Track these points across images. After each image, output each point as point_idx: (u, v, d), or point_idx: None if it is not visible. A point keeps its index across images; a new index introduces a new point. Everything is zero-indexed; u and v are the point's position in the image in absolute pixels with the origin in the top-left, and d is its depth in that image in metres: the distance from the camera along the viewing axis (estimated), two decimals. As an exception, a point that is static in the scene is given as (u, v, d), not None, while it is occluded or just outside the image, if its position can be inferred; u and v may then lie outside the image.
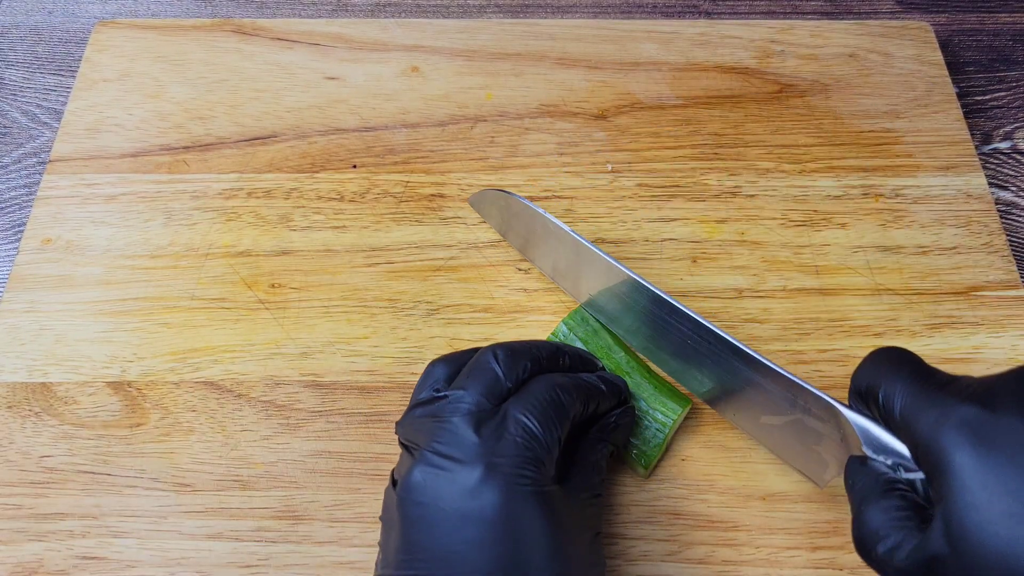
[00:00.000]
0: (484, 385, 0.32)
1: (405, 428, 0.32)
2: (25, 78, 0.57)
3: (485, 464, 0.29)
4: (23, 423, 0.42)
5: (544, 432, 0.31)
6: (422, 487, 0.29)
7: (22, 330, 0.44)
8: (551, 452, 0.31)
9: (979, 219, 0.48)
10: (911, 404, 0.27)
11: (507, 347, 0.33)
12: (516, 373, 0.33)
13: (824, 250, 0.47)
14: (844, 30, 0.56)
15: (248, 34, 0.56)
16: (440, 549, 0.28)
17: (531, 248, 0.45)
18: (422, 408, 0.32)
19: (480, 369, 0.32)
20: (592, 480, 0.34)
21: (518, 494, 0.29)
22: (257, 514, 0.39)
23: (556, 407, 0.32)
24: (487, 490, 0.29)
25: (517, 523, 0.29)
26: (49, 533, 0.39)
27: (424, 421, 0.31)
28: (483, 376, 0.32)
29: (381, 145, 0.51)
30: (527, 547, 0.28)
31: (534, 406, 0.31)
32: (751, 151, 0.51)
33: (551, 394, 0.32)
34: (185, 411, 0.42)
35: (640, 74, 0.54)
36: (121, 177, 0.50)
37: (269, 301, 0.45)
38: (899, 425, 0.28)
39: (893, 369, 0.29)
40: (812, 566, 0.38)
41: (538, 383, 0.33)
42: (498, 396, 0.32)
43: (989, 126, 0.55)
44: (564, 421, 0.32)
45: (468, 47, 0.55)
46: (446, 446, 0.30)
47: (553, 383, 0.33)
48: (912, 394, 0.28)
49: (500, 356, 0.33)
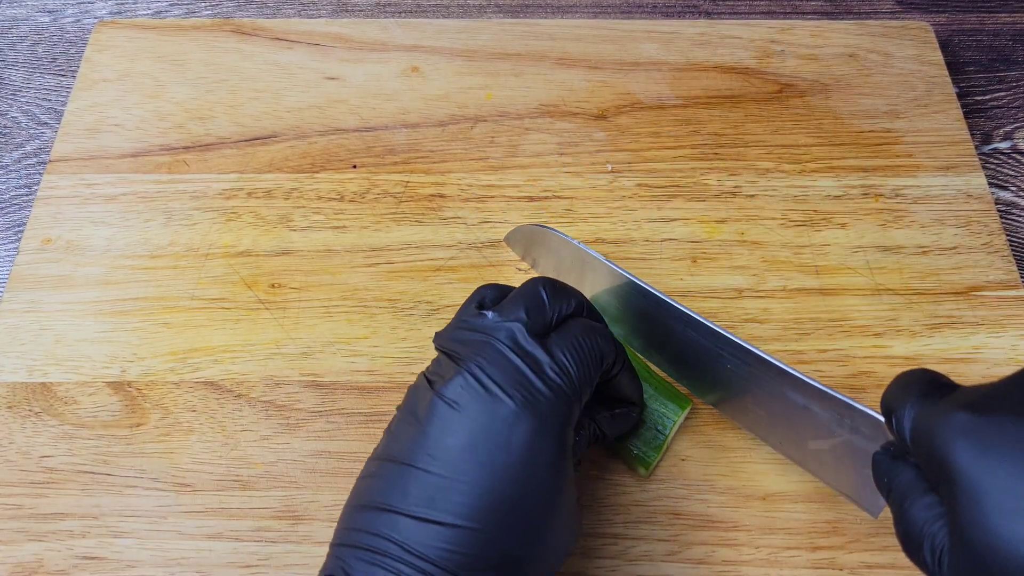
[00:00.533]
0: (531, 311, 0.32)
1: (447, 340, 0.33)
2: (25, 78, 0.57)
3: (524, 397, 0.30)
4: (23, 423, 0.42)
5: (580, 375, 0.31)
6: (460, 396, 0.30)
7: (22, 330, 0.44)
8: (581, 398, 0.32)
9: (979, 219, 0.48)
10: (918, 420, 0.27)
11: (553, 281, 0.34)
12: (560, 307, 0.33)
13: (824, 250, 0.47)
14: (844, 30, 0.56)
15: (248, 34, 0.56)
16: (456, 454, 0.29)
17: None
18: (469, 321, 0.33)
19: (528, 296, 0.33)
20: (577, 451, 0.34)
21: (545, 432, 0.30)
22: (257, 514, 0.39)
23: (593, 353, 0.32)
24: (519, 422, 0.30)
25: (534, 457, 0.30)
26: (49, 533, 0.39)
27: (471, 335, 0.32)
28: (531, 303, 0.33)
29: (381, 145, 0.51)
30: (534, 481, 0.29)
31: (575, 348, 0.32)
32: (751, 151, 0.51)
33: (591, 339, 0.33)
34: (185, 411, 0.42)
35: (640, 74, 0.54)
36: (121, 177, 0.50)
37: (269, 301, 0.45)
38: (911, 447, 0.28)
39: (904, 390, 0.29)
40: (812, 566, 0.38)
41: (578, 325, 0.33)
42: (542, 326, 0.32)
43: (989, 126, 0.55)
44: (598, 368, 0.33)
45: (468, 47, 0.55)
46: (491, 366, 0.30)
47: (593, 328, 0.33)
48: (919, 410, 0.27)
49: (547, 287, 0.33)
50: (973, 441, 0.24)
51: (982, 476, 0.23)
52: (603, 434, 0.37)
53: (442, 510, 0.28)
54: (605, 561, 0.38)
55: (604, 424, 0.36)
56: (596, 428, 0.36)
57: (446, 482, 0.29)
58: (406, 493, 0.29)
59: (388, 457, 0.31)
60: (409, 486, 0.29)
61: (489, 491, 0.29)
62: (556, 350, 0.32)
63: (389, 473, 0.30)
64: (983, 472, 0.23)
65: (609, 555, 0.38)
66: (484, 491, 0.29)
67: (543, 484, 0.30)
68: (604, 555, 0.38)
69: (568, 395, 0.31)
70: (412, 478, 0.29)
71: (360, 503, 0.30)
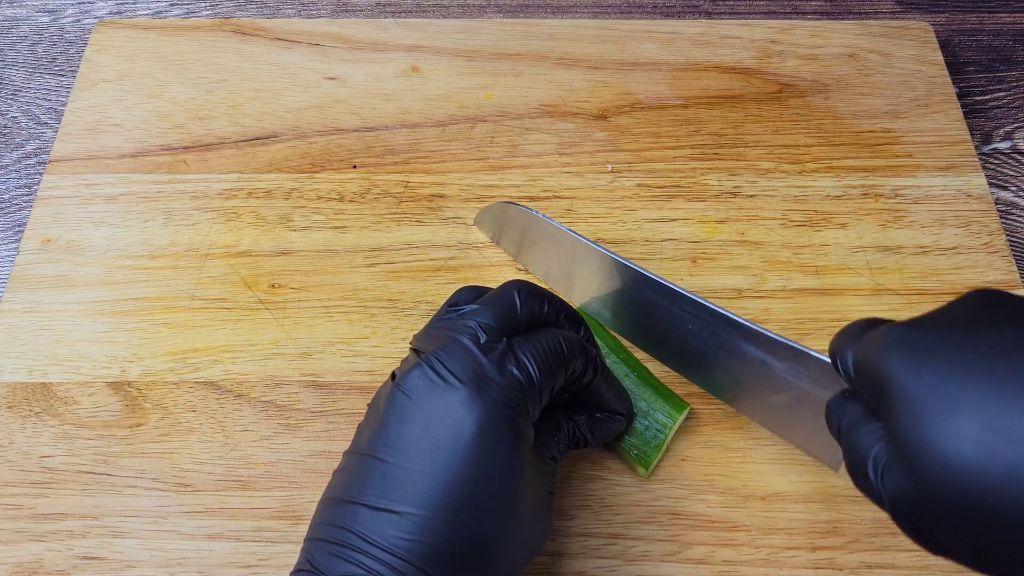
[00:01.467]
0: (500, 311, 0.33)
1: (419, 338, 0.34)
2: (25, 78, 0.57)
3: (477, 385, 0.30)
4: (23, 423, 0.42)
5: (541, 377, 0.32)
6: (415, 387, 0.31)
7: (22, 330, 0.44)
8: (540, 399, 0.32)
9: (979, 219, 0.48)
10: (857, 352, 0.28)
11: (530, 285, 0.35)
12: (532, 310, 0.34)
13: (824, 250, 0.47)
14: (844, 30, 0.56)
15: (248, 34, 0.56)
16: (410, 442, 0.30)
17: (525, 254, 0.45)
18: (439, 320, 0.34)
19: (501, 296, 0.34)
20: (552, 447, 0.35)
21: (497, 420, 0.30)
22: (257, 514, 0.39)
23: (557, 358, 0.33)
24: (471, 407, 0.30)
25: (487, 444, 0.30)
26: (49, 533, 0.39)
27: (437, 332, 0.33)
28: (502, 303, 0.33)
29: (381, 145, 0.51)
30: (488, 468, 0.30)
31: (538, 350, 0.32)
32: (751, 151, 0.51)
33: (556, 345, 0.33)
34: (185, 411, 0.42)
35: (640, 74, 0.54)
36: (121, 177, 0.50)
37: (269, 301, 0.45)
38: (855, 379, 0.28)
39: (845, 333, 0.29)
40: (812, 566, 0.38)
41: (548, 332, 0.34)
42: (510, 326, 0.33)
43: (989, 126, 0.55)
44: (561, 374, 0.33)
45: (468, 47, 0.55)
46: (449, 358, 0.31)
47: (560, 336, 0.34)
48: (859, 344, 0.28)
49: (522, 291, 0.34)
50: (905, 354, 0.25)
51: (913, 382, 0.24)
52: (584, 438, 0.37)
53: (398, 499, 0.29)
54: (605, 561, 0.38)
55: (584, 427, 0.37)
56: (576, 430, 0.37)
57: (401, 471, 0.29)
58: (366, 484, 0.30)
59: (353, 450, 0.32)
60: (368, 477, 0.30)
61: (442, 478, 0.29)
62: (519, 349, 0.32)
63: (353, 465, 0.31)
64: (914, 379, 0.24)
65: (609, 555, 0.38)
66: (437, 478, 0.29)
67: (498, 471, 0.30)
68: (604, 555, 0.38)
69: (524, 386, 0.31)
70: (371, 469, 0.30)
71: (327, 496, 0.31)
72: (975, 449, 0.22)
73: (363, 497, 0.29)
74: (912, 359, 0.24)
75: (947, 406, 0.23)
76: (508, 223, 0.45)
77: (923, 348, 0.24)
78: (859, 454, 0.27)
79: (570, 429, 0.36)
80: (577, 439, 0.37)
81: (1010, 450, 0.21)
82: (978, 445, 0.22)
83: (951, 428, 0.22)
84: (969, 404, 0.22)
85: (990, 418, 0.22)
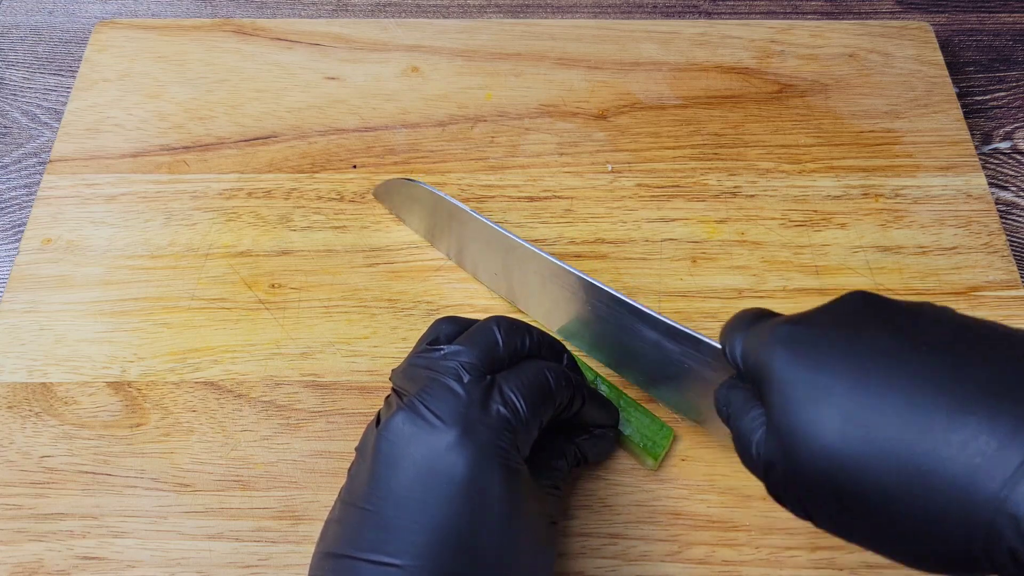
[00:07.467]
0: (482, 348, 0.32)
1: (399, 376, 0.33)
2: (25, 78, 0.57)
3: (464, 427, 0.30)
4: (23, 423, 0.42)
5: (528, 412, 0.31)
6: (401, 432, 0.30)
7: (22, 330, 0.44)
8: (530, 433, 0.32)
9: (979, 219, 0.48)
10: (745, 342, 0.30)
11: (510, 320, 0.34)
12: (514, 345, 0.33)
13: (824, 250, 0.47)
14: (844, 30, 0.56)
15: (248, 34, 0.56)
16: (402, 493, 0.29)
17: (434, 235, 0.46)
18: (419, 358, 0.33)
19: (481, 333, 0.33)
20: (554, 475, 0.35)
21: (488, 461, 0.30)
22: (257, 514, 0.39)
23: (544, 392, 0.32)
24: (460, 451, 0.29)
25: (480, 488, 0.29)
26: (49, 533, 0.39)
27: (418, 371, 0.32)
28: (483, 340, 0.33)
29: (381, 145, 0.51)
30: (483, 512, 0.29)
31: (523, 385, 0.32)
32: (751, 151, 0.51)
33: (541, 378, 0.33)
34: (185, 411, 0.42)
35: (640, 74, 0.54)
36: (121, 177, 0.50)
37: (269, 301, 0.45)
38: (741, 367, 0.30)
39: (735, 323, 0.31)
40: (812, 566, 0.38)
41: (532, 365, 0.33)
42: (492, 363, 0.32)
43: (989, 126, 0.55)
44: (548, 407, 0.33)
45: (468, 47, 0.55)
46: (433, 400, 0.30)
47: (545, 368, 0.33)
48: (746, 334, 0.30)
49: (503, 326, 0.34)
50: (787, 348, 0.27)
51: (789, 373, 0.27)
52: (584, 458, 0.37)
53: (395, 552, 0.28)
54: (605, 561, 0.38)
55: (585, 447, 0.37)
56: (577, 451, 0.37)
57: (396, 522, 0.29)
58: (360, 537, 0.29)
59: (344, 500, 0.31)
60: (362, 530, 0.29)
61: (438, 526, 0.28)
62: (504, 385, 0.31)
63: (345, 517, 0.30)
64: (792, 371, 0.27)
65: (609, 555, 0.38)
66: (433, 526, 0.28)
67: (494, 514, 0.29)
68: (604, 555, 0.38)
69: (512, 424, 0.31)
70: (364, 521, 0.29)
71: (324, 551, 0.30)
72: (837, 436, 0.25)
73: (361, 552, 0.29)
74: (792, 353, 0.27)
75: (818, 397, 0.26)
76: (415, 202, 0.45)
77: (804, 343, 0.27)
78: (744, 437, 0.29)
79: (571, 452, 0.36)
80: (578, 459, 0.37)
81: (865, 440, 0.24)
82: (840, 433, 0.25)
83: (818, 417, 0.25)
84: (837, 398, 0.25)
85: (853, 411, 0.25)
